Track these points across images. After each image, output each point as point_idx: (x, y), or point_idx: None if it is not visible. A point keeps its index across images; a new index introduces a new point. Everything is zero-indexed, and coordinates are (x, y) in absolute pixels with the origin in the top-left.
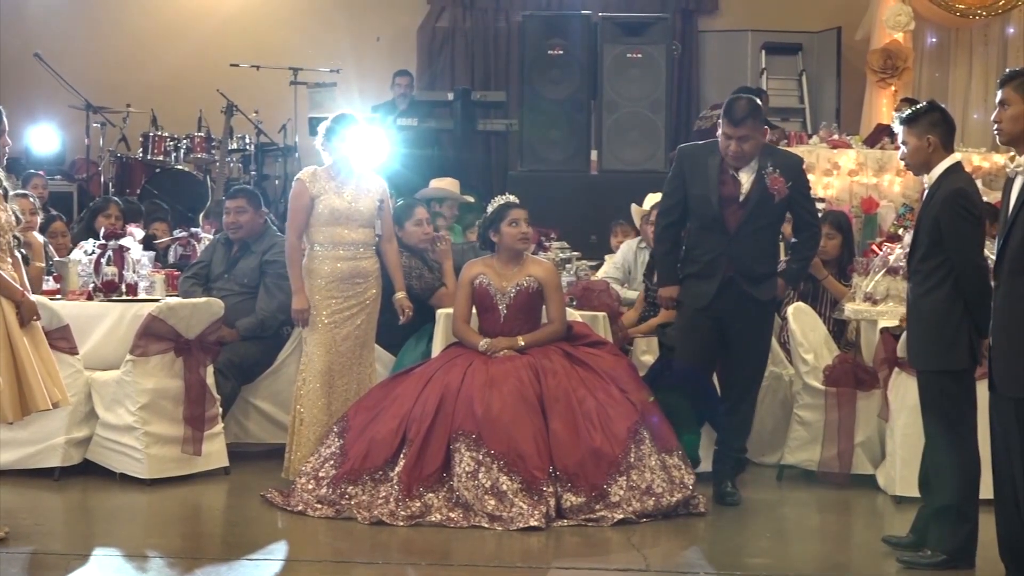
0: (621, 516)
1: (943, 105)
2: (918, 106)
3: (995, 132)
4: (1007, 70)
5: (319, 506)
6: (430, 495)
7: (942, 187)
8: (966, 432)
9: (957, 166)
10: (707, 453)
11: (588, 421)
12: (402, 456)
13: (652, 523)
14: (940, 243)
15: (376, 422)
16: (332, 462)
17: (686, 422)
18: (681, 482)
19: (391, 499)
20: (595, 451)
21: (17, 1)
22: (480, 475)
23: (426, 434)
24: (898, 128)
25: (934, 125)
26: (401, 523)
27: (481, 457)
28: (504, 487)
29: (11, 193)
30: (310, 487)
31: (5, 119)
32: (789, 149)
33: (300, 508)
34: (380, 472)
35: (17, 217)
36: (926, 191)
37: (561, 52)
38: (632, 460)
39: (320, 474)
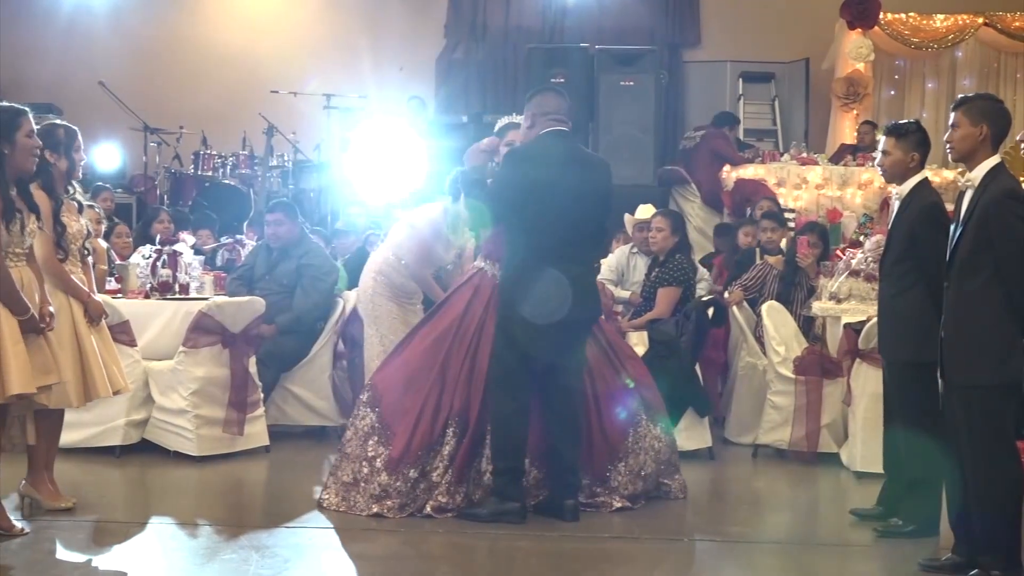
0: (619, 505)
1: None
2: (907, 122)
3: (948, 150)
4: (958, 96)
5: (388, 502)
6: (471, 488)
7: (914, 200)
8: (934, 415)
9: (926, 181)
10: (689, 434)
11: (596, 410)
12: (446, 454)
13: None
14: (913, 249)
15: (417, 413)
16: (376, 438)
17: (670, 407)
18: (668, 460)
19: (438, 495)
20: (598, 442)
21: (85, 37)
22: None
23: (469, 446)
24: (881, 137)
25: (920, 144)
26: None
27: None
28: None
29: (85, 205)
30: (364, 472)
31: (80, 136)
32: (762, 166)
33: (376, 510)
34: (423, 463)
35: (89, 230)
36: (896, 202)
37: (562, 80)
38: (630, 444)
39: (369, 452)
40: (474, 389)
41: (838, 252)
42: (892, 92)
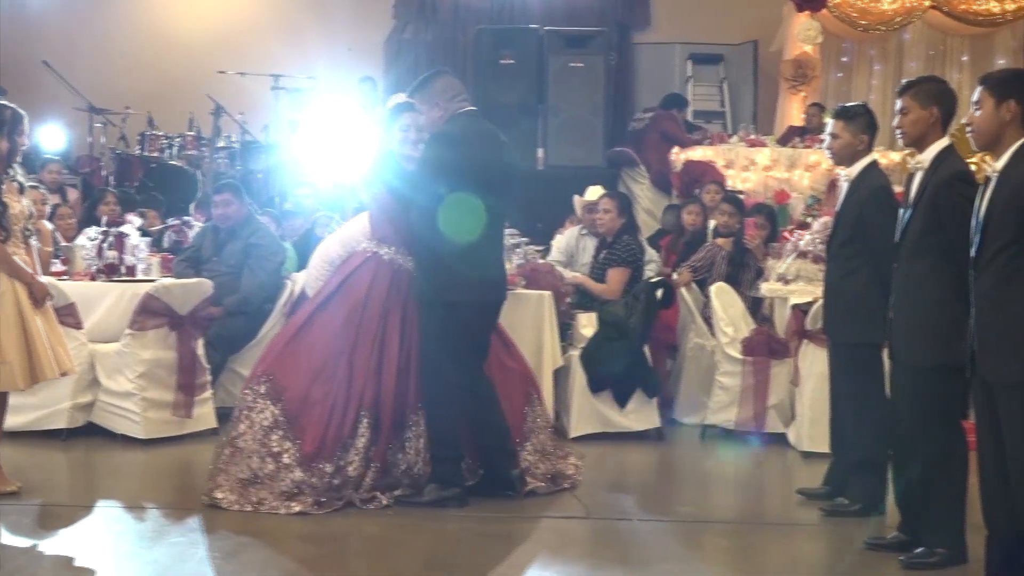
0: (531, 487)
1: None
2: (855, 104)
3: (899, 136)
4: (903, 80)
5: (303, 498)
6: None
7: (863, 183)
8: (879, 396)
9: (875, 164)
10: (638, 415)
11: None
12: (360, 447)
13: (587, 476)
14: (861, 232)
15: (329, 405)
16: (280, 433)
17: (619, 388)
18: (550, 435)
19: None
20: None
21: (27, 14)
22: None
23: (388, 438)
24: (829, 120)
25: (868, 126)
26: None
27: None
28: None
29: (27, 186)
30: (270, 468)
31: (27, 122)
32: (711, 148)
33: (298, 509)
34: (338, 458)
35: (31, 211)
36: (845, 185)
37: (511, 62)
38: (529, 423)
39: (274, 448)
40: (384, 378)
41: (786, 234)
42: (840, 74)
